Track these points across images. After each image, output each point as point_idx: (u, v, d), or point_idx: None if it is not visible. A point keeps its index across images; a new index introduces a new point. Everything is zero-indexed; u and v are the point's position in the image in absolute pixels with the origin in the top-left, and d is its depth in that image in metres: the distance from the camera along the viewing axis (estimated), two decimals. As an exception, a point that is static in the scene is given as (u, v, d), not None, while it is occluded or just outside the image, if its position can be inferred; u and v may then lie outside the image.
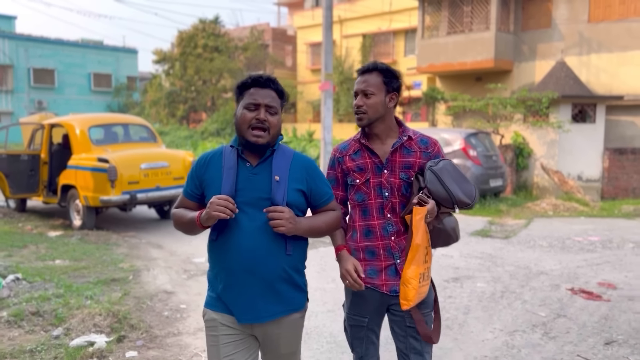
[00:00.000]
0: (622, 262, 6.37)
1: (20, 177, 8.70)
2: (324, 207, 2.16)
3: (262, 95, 2.01)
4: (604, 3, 14.29)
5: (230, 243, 1.99)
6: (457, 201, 2.19)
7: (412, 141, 2.33)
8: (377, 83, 2.27)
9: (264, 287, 1.99)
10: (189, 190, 2.12)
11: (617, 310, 4.65)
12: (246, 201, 1.98)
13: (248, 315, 2.02)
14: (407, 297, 2.15)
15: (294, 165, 2.08)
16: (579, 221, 9.38)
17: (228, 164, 2.03)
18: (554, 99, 12.58)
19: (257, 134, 1.98)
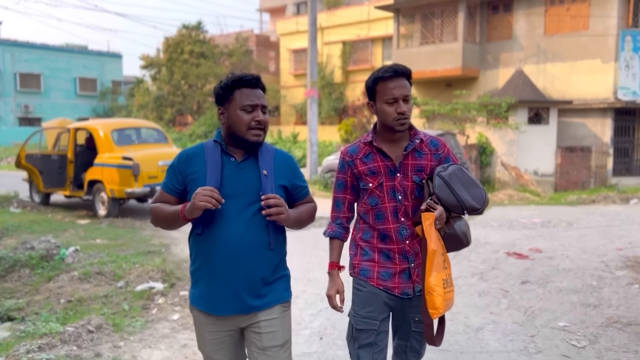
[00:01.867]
0: (553, 236, 8.01)
1: (51, 174, 10.06)
2: (303, 200, 2.24)
3: (257, 95, 2.06)
4: (557, 18, 16.09)
5: (215, 236, 2.03)
6: (466, 207, 2.16)
7: (423, 144, 2.31)
8: (409, 87, 2.27)
9: (247, 280, 2.04)
10: (170, 185, 2.13)
11: (537, 265, 6.26)
12: (232, 194, 2.03)
13: (229, 307, 2.06)
14: (435, 305, 2.10)
15: (276, 160, 2.16)
16: (528, 208, 11.07)
17: (212, 159, 2.07)
18: (512, 103, 14.30)
19: (257, 133, 2.05)
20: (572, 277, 5.75)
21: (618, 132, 15.68)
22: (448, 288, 2.16)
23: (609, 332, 4.19)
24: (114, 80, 42.98)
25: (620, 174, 15.73)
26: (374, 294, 2.28)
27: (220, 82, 2.10)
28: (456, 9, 17.05)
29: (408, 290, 2.28)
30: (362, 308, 2.29)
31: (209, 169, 2.04)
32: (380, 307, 2.28)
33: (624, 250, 7.00)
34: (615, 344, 3.94)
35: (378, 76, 2.26)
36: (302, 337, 4.07)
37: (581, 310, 4.71)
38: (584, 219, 9.58)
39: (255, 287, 2.06)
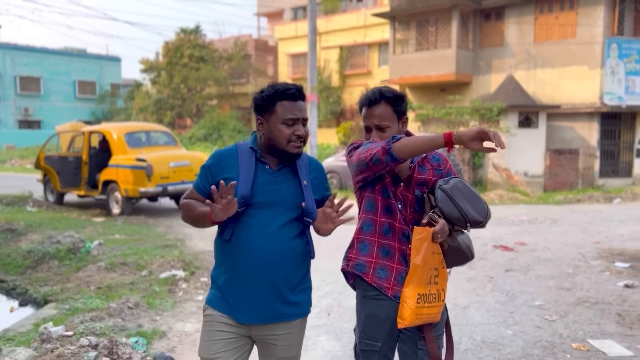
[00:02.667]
0: (538, 231, 8.67)
1: (67, 174, 10.65)
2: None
3: (298, 109, 2.04)
4: (546, 26, 16.79)
5: (244, 243, 2.02)
6: (469, 220, 2.14)
7: (426, 159, 2.31)
8: (389, 114, 2.24)
9: (272, 290, 2.02)
10: (202, 185, 2.11)
11: (521, 256, 6.90)
12: (266, 203, 2.02)
13: (251, 316, 2.04)
14: (402, 315, 2.15)
15: (311, 171, 2.15)
16: (517, 207, 11.74)
17: (246, 165, 2.04)
18: (503, 108, 14.99)
19: (297, 145, 2.03)
20: (551, 266, 6.40)
21: (604, 135, 16.37)
22: (427, 304, 2.15)
23: (578, 309, 4.83)
24: (113, 83, 43.47)
25: (606, 175, 16.43)
26: (373, 316, 2.26)
27: (261, 92, 2.09)
28: (450, 17, 17.73)
29: (400, 294, 2.24)
30: (364, 330, 2.29)
31: (241, 176, 2.02)
32: (382, 326, 2.25)
33: (600, 243, 7.66)
34: (582, 318, 4.58)
35: (360, 103, 2.33)
36: (312, 314, 4.69)
37: (556, 292, 5.35)
38: (568, 217, 10.24)
39: (280, 298, 2.04)
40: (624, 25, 16.27)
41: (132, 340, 3.73)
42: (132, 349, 3.59)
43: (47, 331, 3.73)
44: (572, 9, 16.25)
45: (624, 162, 16.85)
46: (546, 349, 3.95)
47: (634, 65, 16.18)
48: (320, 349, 3.99)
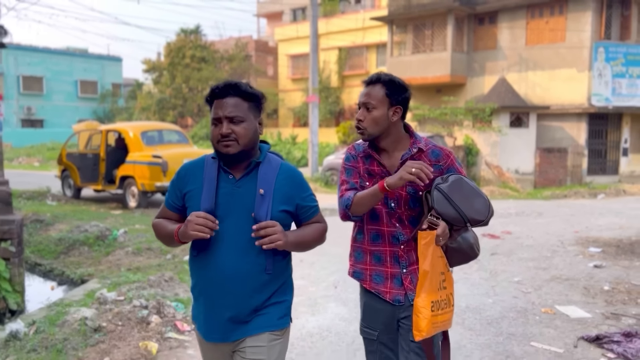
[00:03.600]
0: (523, 222, 9.44)
1: (86, 170, 11.38)
2: (310, 220, 2.07)
3: (222, 107, 1.92)
4: (537, 30, 17.57)
5: (208, 259, 1.92)
6: (468, 219, 2.09)
7: (423, 153, 2.24)
8: (380, 96, 2.19)
9: (238, 307, 1.93)
10: (170, 201, 2.05)
11: (506, 242, 7.67)
12: (227, 215, 1.91)
13: (214, 335, 1.98)
14: (419, 327, 2.08)
15: (280, 178, 1.99)
16: (507, 202, 12.51)
17: (208, 176, 1.95)
18: (495, 108, 15.76)
19: (225, 144, 1.90)
20: (532, 250, 7.16)
21: (592, 134, 17.17)
22: (440, 310, 2.10)
23: (551, 284, 5.59)
24: (114, 82, 44.04)
25: (595, 173, 17.22)
26: (370, 306, 2.29)
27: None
28: (445, 21, 18.50)
29: (399, 297, 2.23)
30: (363, 318, 2.34)
31: (204, 188, 1.93)
32: (379, 318, 2.27)
33: (579, 232, 8.42)
34: (553, 291, 5.34)
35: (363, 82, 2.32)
36: (321, 287, 5.44)
37: (533, 271, 6.11)
38: (553, 210, 11.02)
39: (244, 315, 1.94)
40: (611, 30, 17.07)
41: (174, 304, 4.47)
42: (174, 310, 4.33)
43: (102, 296, 4.47)
44: (562, 14, 17.04)
45: (611, 160, 17.65)
46: (519, 312, 4.71)
47: (621, 68, 16.97)
48: (330, 312, 4.74)
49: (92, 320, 3.97)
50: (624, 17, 17.19)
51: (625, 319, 4.52)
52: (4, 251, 5.48)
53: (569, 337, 4.13)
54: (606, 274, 5.99)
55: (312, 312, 4.72)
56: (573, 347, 3.95)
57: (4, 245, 5.47)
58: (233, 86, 1.94)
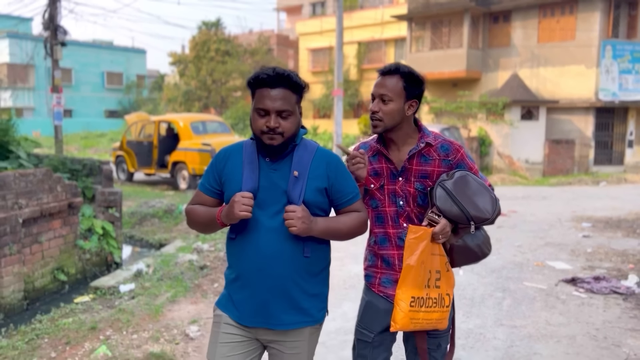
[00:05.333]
0: (528, 204, 10.74)
1: (142, 156, 12.90)
2: (348, 208, 2.01)
3: (271, 98, 1.85)
4: (549, 28, 18.68)
5: (247, 241, 1.90)
6: (472, 218, 2.03)
7: (432, 148, 2.16)
8: (397, 89, 2.10)
9: (277, 291, 1.90)
10: (207, 184, 2.01)
11: (511, 219, 9.00)
12: (265, 198, 1.89)
13: (254, 319, 1.93)
14: (395, 318, 2.05)
15: (316, 160, 1.95)
16: (516, 187, 13.81)
17: (248, 159, 1.94)
18: (507, 102, 16.97)
19: (270, 137, 1.87)
20: (532, 225, 8.49)
21: (599, 127, 18.29)
22: (424, 308, 2.04)
23: (545, 247, 6.94)
24: (139, 74, 45.46)
25: (601, 164, 18.35)
26: (373, 305, 2.20)
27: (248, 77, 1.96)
28: (462, 19, 19.66)
29: None
30: (361, 318, 2.25)
31: (245, 170, 1.91)
32: (379, 321, 2.17)
33: (576, 212, 9.72)
34: (546, 252, 6.69)
35: (377, 71, 2.21)
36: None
37: (532, 239, 7.46)
38: (557, 195, 12.29)
39: (287, 300, 1.92)
40: (619, 28, 18.12)
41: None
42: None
43: (198, 246, 5.92)
44: (572, 14, 18.13)
45: (617, 151, 18.76)
46: (517, 264, 6.07)
47: (627, 64, 18.04)
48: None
49: (197, 261, 5.41)
50: (631, 17, 18.23)
51: (598, 270, 5.86)
52: (110, 216, 6.94)
53: (552, 280, 5.49)
54: (591, 241, 7.31)
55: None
56: (554, 286, 5.31)
57: (111, 211, 6.94)
58: (285, 77, 1.87)
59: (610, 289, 5.15)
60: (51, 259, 5.92)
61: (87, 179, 7.29)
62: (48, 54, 14.72)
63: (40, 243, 5.72)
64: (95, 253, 6.58)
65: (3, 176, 5.24)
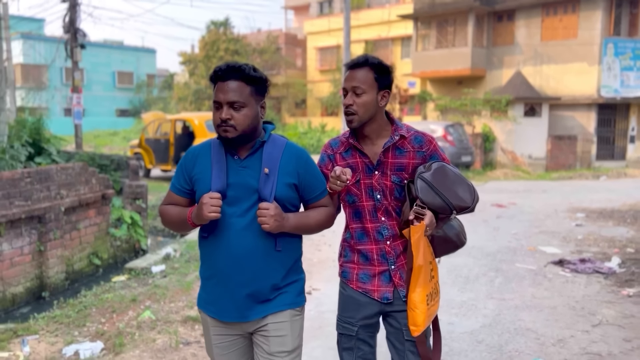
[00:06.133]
0: (528, 197, 11.26)
1: (159, 153, 13.55)
2: (317, 203, 2.06)
3: (223, 91, 1.89)
4: (552, 27, 19.12)
5: (220, 240, 1.92)
6: (454, 207, 2.06)
7: (405, 140, 2.17)
8: (369, 80, 2.10)
9: (252, 286, 1.93)
10: (178, 185, 2.03)
11: (510, 210, 9.53)
12: (235, 195, 1.91)
13: (235, 314, 1.96)
14: (416, 322, 2.05)
15: (285, 156, 1.97)
16: (518, 182, 14.31)
17: (216, 157, 1.94)
18: (510, 99, 17.45)
19: (224, 128, 1.89)
20: (530, 215, 9.02)
21: (601, 123, 18.72)
22: (432, 302, 2.09)
23: (539, 235, 7.48)
24: (149, 73, 46.08)
25: (603, 159, 18.79)
26: (353, 299, 2.21)
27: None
28: (466, 18, 20.14)
29: (388, 294, 2.17)
30: (342, 312, 2.25)
31: (214, 170, 1.93)
32: (360, 313, 2.19)
33: (573, 204, 10.23)
34: (539, 239, 7.23)
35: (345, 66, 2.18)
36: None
37: (528, 228, 7.99)
38: (556, 188, 12.79)
39: (262, 294, 1.95)
40: (620, 27, 18.53)
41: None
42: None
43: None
44: (574, 12, 18.56)
45: (619, 146, 19.18)
46: (511, 249, 6.62)
47: (629, 62, 18.45)
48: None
49: (220, 245, 6.00)
50: (632, 15, 18.63)
51: (585, 254, 6.39)
52: (137, 207, 7.56)
53: (542, 262, 6.04)
54: (583, 229, 7.84)
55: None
56: (543, 267, 5.86)
57: (138, 203, 7.55)
58: (236, 69, 1.89)
59: (594, 269, 5.69)
60: (87, 244, 6.54)
61: (115, 173, 7.91)
62: (68, 55, 15.35)
63: (78, 230, 6.34)
64: (124, 240, 7.19)
65: (47, 169, 5.86)
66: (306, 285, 5.12)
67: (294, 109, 36.53)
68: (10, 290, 5.38)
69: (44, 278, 5.77)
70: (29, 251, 5.60)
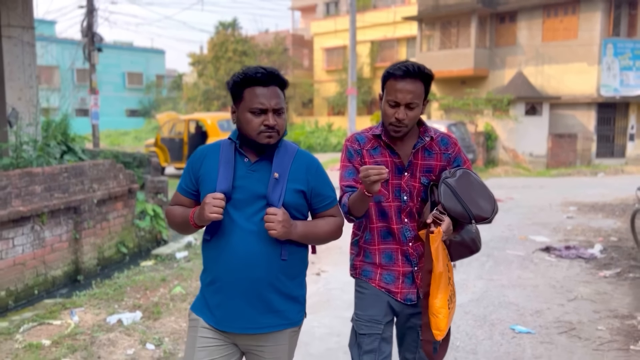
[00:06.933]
0: (525, 192, 11.81)
1: (174, 151, 14.21)
2: (325, 212, 2.00)
3: (267, 97, 1.84)
4: (553, 28, 19.61)
5: (223, 244, 1.86)
6: (474, 217, 2.03)
7: (433, 142, 2.17)
8: (421, 93, 2.07)
9: (254, 295, 1.86)
10: (184, 185, 1.98)
11: (507, 204, 10.08)
12: (242, 199, 1.85)
13: (231, 324, 1.88)
14: (440, 327, 2.03)
15: (296, 163, 1.93)
16: (518, 178, 14.86)
17: (225, 158, 1.89)
18: (511, 99, 17.98)
19: (268, 136, 1.84)
20: (525, 209, 9.58)
21: (601, 122, 19.20)
22: (452, 304, 2.08)
23: (531, 226, 8.04)
24: (158, 74, 46.76)
25: (603, 156, 19.26)
26: (377, 296, 2.17)
27: (232, 77, 1.90)
28: (469, 20, 20.66)
29: (411, 296, 2.16)
30: (365, 311, 2.19)
31: (221, 170, 1.86)
32: (384, 310, 2.17)
33: (567, 198, 10.77)
34: (531, 229, 7.79)
35: (390, 72, 2.10)
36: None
37: (522, 220, 8.55)
38: (554, 184, 13.32)
39: (264, 304, 1.87)
40: (620, 27, 19.00)
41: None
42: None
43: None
44: (574, 14, 19.04)
45: (619, 144, 19.64)
46: (503, 238, 7.19)
47: (628, 61, 18.91)
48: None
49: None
50: (631, 16, 19.09)
51: (571, 242, 6.96)
52: (159, 200, 8.19)
53: (530, 249, 6.62)
54: (573, 221, 8.40)
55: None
56: (531, 253, 6.43)
57: (159, 196, 8.18)
58: (276, 75, 1.87)
59: (577, 255, 6.26)
60: (115, 234, 7.18)
61: (137, 169, 8.54)
62: (86, 58, 16.03)
63: (108, 221, 6.98)
64: (148, 231, 7.83)
65: (81, 165, 6.50)
66: (315, 267, 5.81)
67: (301, 108, 37.14)
68: (50, 273, 6.02)
69: (78, 263, 6.40)
70: (66, 238, 6.24)
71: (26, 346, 3.82)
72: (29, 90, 7.76)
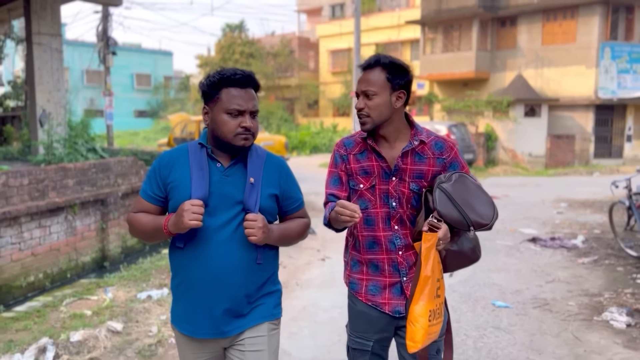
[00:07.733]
0: (521, 190, 12.37)
1: (185, 150, 14.84)
2: (295, 214, 2.01)
3: (245, 98, 1.82)
4: (552, 32, 20.14)
5: (197, 251, 1.83)
6: (472, 223, 1.93)
7: (425, 145, 2.06)
8: (380, 81, 2.00)
9: (231, 300, 1.86)
10: (150, 191, 1.91)
11: (502, 201, 10.64)
12: (217, 205, 1.82)
13: (210, 331, 1.88)
14: (414, 338, 1.91)
15: (267, 166, 1.93)
16: (516, 177, 15.40)
17: (198, 164, 1.84)
18: (511, 101, 18.53)
19: (244, 137, 1.82)
20: (519, 205, 10.15)
21: (599, 123, 19.70)
22: (435, 320, 1.94)
23: (522, 220, 8.60)
24: (166, 75, 47.47)
25: (601, 157, 19.77)
26: (364, 314, 2.12)
27: (206, 77, 1.87)
28: (471, 24, 21.22)
29: (400, 307, 2.07)
30: (354, 327, 2.17)
31: (194, 177, 1.82)
32: (374, 327, 2.11)
33: (560, 195, 11.33)
34: (522, 223, 8.36)
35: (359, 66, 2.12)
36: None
37: (514, 214, 9.12)
38: (550, 183, 13.87)
39: (238, 308, 1.87)
40: (617, 31, 19.52)
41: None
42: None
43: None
44: (573, 18, 19.58)
45: (616, 145, 20.14)
46: (493, 231, 7.73)
47: (625, 65, 19.42)
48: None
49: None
50: (628, 20, 19.61)
51: (557, 234, 7.53)
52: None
53: (519, 240, 7.19)
54: (562, 216, 8.96)
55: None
56: (519, 243, 7.01)
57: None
58: (252, 78, 1.86)
59: (560, 245, 6.83)
60: (137, 225, 7.82)
61: (155, 166, 9.17)
62: (101, 61, 16.70)
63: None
64: (165, 223, 8.46)
65: (107, 162, 7.14)
66: (321, 254, 6.41)
67: (306, 109, 37.78)
68: (81, 259, 6.66)
69: (105, 250, 7.04)
70: (94, 228, 6.87)
71: (71, 315, 4.45)
72: (57, 93, 8.41)
